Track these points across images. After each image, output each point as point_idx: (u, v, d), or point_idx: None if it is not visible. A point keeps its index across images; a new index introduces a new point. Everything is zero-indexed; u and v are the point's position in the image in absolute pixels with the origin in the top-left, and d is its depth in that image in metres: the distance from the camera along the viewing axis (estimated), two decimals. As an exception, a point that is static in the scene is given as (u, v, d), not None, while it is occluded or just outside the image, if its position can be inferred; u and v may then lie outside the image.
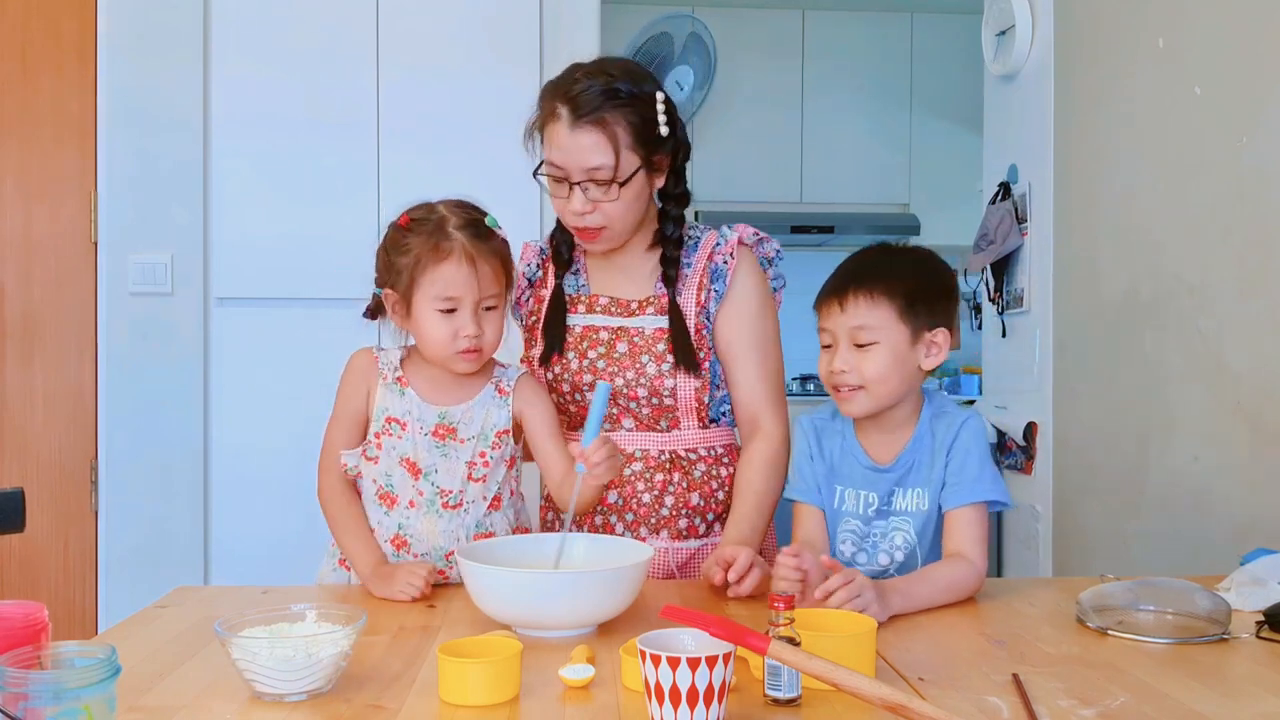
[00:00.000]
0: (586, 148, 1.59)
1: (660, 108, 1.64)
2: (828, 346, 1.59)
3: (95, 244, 3.15)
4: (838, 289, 1.58)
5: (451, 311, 1.55)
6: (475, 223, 1.58)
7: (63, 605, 3.08)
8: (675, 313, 1.69)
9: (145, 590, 1.86)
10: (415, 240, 1.56)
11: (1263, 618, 1.34)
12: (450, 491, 1.59)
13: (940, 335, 1.57)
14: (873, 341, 1.54)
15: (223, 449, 3.17)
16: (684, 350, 1.67)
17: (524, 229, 3.24)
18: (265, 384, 3.16)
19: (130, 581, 3.09)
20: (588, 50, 3.11)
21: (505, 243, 1.62)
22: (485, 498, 1.61)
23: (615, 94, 1.61)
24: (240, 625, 1.14)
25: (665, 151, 1.67)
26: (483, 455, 1.60)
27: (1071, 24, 2.90)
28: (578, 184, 1.61)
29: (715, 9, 4.94)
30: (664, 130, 1.64)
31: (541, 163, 1.67)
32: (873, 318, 1.54)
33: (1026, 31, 3.09)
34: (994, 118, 3.44)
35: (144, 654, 1.24)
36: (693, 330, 1.69)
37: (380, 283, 1.62)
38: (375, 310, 1.66)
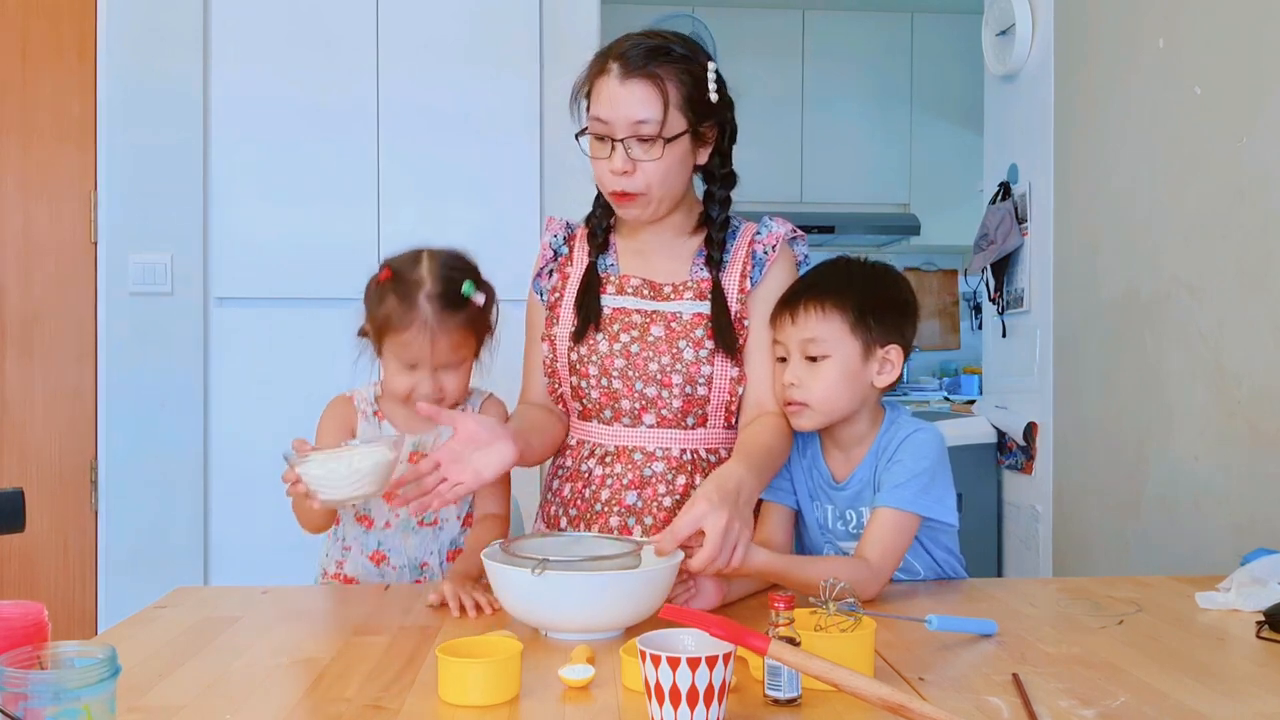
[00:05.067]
0: (634, 100, 1.54)
1: (711, 76, 1.61)
2: (782, 360, 1.57)
3: (95, 244, 3.15)
4: (790, 301, 1.56)
5: (413, 368, 1.62)
6: (448, 293, 1.62)
7: (63, 605, 3.08)
8: (718, 294, 1.64)
9: (145, 590, 1.86)
10: (387, 301, 1.62)
11: (1263, 618, 1.34)
12: None
13: (894, 352, 1.54)
14: (823, 355, 1.52)
15: (222, 449, 3.17)
16: (724, 332, 1.61)
17: (523, 228, 3.24)
18: (265, 384, 3.16)
19: (130, 581, 3.09)
20: (588, 50, 3.10)
21: (482, 306, 1.65)
22: (458, 516, 1.69)
23: (668, 52, 1.58)
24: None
25: (713, 123, 1.63)
26: None
27: (1071, 24, 2.91)
28: (620, 141, 1.56)
29: (715, 9, 4.94)
30: (714, 96, 1.61)
31: (583, 130, 1.62)
32: (823, 330, 1.52)
33: (1026, 31, 3.09)
34: (994, 118, 3.44)
35: (144, 654, 1.24)
36: (734, 317, 1.64)
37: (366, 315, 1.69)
38: (365, 333, 1.71)
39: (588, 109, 1.62)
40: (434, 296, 1.60)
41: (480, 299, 1.64)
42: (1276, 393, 2.05)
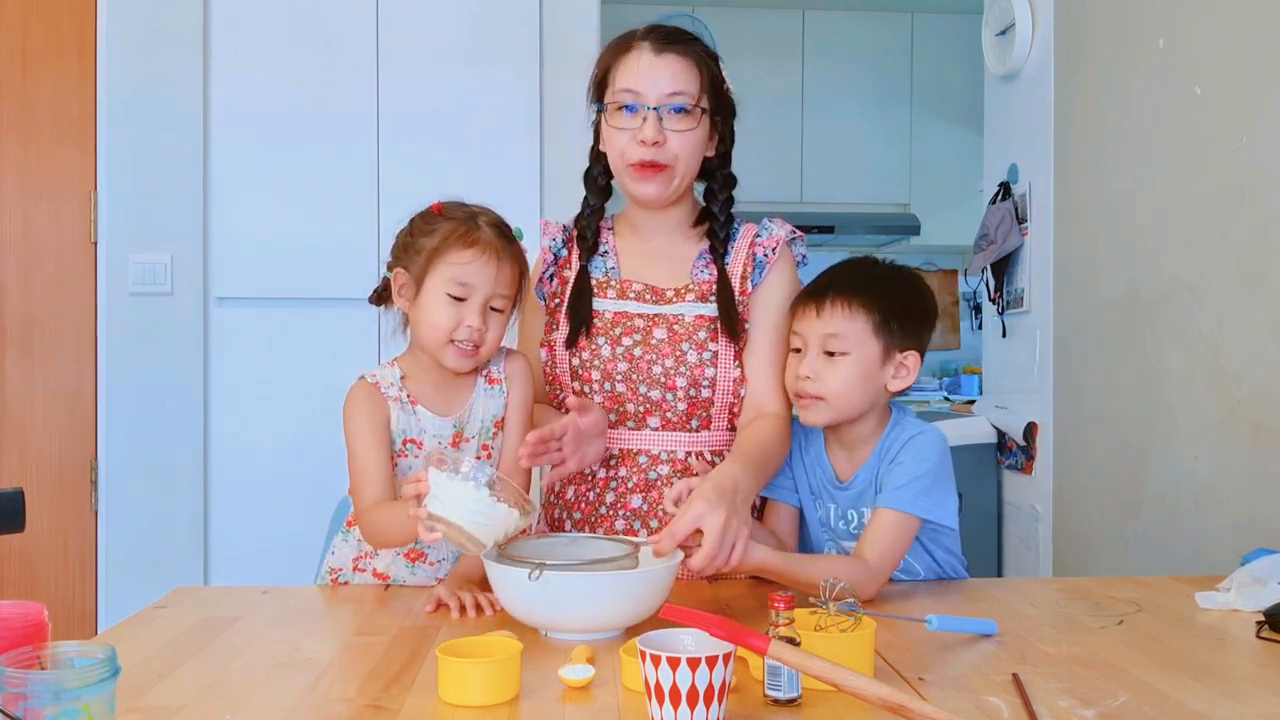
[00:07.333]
0: (671, 72, 1.58)
1: (724, 71, 1.66)
2: (797, 350, 1.57)
3: (95, 244, 3.15)
4: (816, 294, 1.56)
5: (461, 300, 1.53)
6: (505, 227, 1.60)
7: (63, 605, 3.08)
8: (723, 282, 1.64)
9: (145, 590, 1.86)
10: (445, 224, 1.56)
11: (1263, 618, 1.34)
12: None
13: (911, 359, 1.55)
14: (843, 352, 1.52)
15: (222, 449, 3.17)
16: (728, 316, 1.62)
17: (523, 229, 3.23)
18: (265, 384, 3.17)
19: (130, 581, 3.09)
20: (588, 50, 3.11)
21: (525, 259, 1.62)
22: None
23: (693, 36, 1.64)
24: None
25: (723, 116, 1.67)
26: (485, 448, 1.60)
27: (1071, 24, 2.91)
28: (653, 109, 1.57)
29: (715, 8, 4.94)
30: (730, 86, 1.66)
31: (599, 110, 1.64)
32: (847, 327, 1.52)
33: (1026, 31, 3.10)
34: (994, 118, 3.44)
35: (144, 654, 1.24)
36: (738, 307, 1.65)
37: (394, 264, 1.60)
38: (381, 294, 1.63)
39: (603, 94, 1.63)
40: (493, 224, 1.58)
41: (525, 248, 1.63)
42: (1276, 393, 2.05)
